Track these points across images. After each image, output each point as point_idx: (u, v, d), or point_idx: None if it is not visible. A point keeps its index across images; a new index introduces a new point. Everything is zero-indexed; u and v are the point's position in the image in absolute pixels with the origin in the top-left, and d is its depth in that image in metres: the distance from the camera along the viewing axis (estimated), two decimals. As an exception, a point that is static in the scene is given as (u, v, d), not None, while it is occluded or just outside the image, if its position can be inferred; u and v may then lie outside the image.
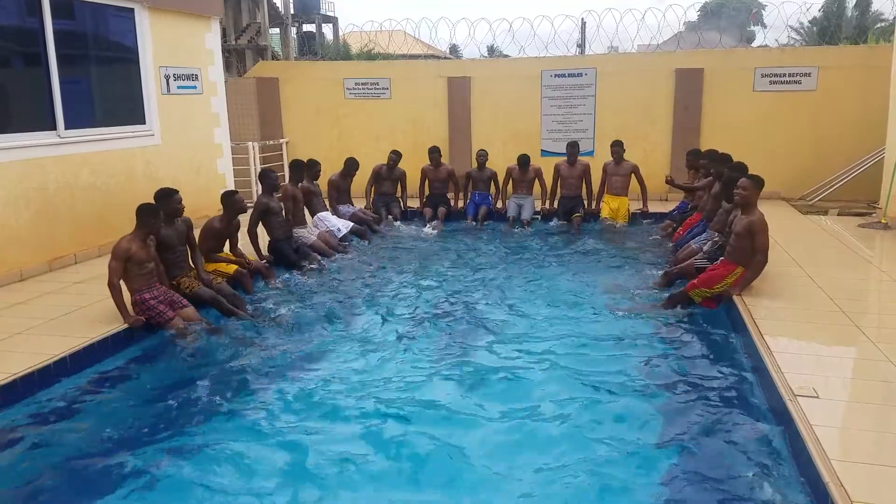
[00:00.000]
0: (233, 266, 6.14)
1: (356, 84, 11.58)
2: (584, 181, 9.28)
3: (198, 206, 7.65)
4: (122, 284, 5.00)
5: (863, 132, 9.69)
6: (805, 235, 7.88)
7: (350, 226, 8.35)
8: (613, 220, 9.00)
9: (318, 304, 5.97)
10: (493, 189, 9.72)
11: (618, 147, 9.03)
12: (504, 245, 8.30)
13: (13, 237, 6.27)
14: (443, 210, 9.57)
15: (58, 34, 6.67)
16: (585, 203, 9.31)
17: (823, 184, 9.96)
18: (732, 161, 6.97)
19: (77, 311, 5.32)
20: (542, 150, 11.00)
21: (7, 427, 3.82)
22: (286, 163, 10.96)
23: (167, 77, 8.17)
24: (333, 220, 8.34)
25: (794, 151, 10.24)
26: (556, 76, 10.89)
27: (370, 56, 20.54)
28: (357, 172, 9.17)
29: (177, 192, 5.52)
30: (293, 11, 32.69)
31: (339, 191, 9.05)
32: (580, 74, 10.82)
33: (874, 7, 29.79)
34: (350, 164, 9.12)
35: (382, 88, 11.53)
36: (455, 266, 7.32)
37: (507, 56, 15.38)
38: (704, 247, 6.46)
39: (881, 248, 7.23)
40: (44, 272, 6.53)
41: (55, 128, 6.69)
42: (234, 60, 27.61)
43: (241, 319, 5.45)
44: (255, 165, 10.34)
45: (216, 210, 6.81)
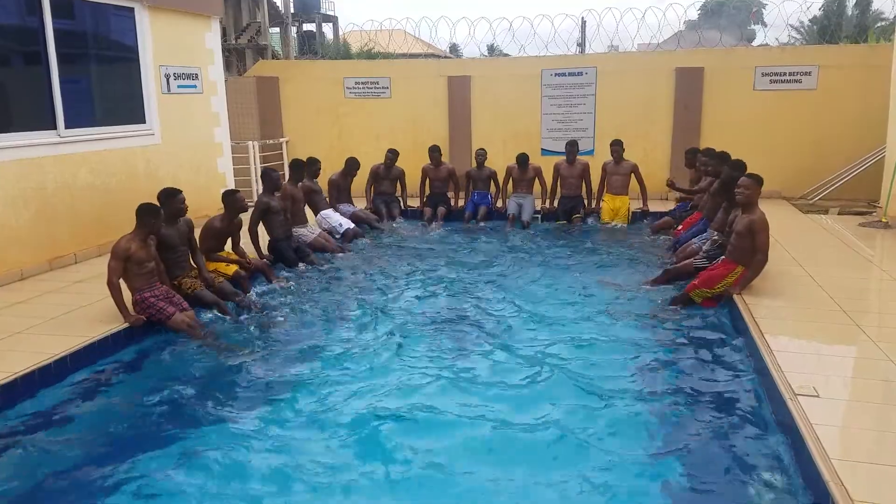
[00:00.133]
0: (233, 266, 6.14)
1: (356, 83, 11.58)
2: (584, 180, 9.28)
3: (198, 206, 7.63)
4: (123, 284, 5.00)
5: (863, 131, 9.69)
6: (805, 234, 7.88)
7: (351, 226, 8.34)
8: (613, 223, 9.01)
9: (316, 305, 5.96)
10: (493, 188, 9.72)
11: (617, 146, 9.03)
12: (504, 245, 8.28)
13: (13, 237, 6.27)
14: (443, 209, 9.56)
15: (58, 33, 6.67)
16: (585, 202, 9.32)
17: (824, 183, 9.95)
18: (730, 159, 6.96)
19: (77, 311, 5.33)
20: (543, 150, 11.00)
21: (7, 426, 3.82)
22: (286, 162, 10.96)
23: (167, 76, 8.17)
24: (336, 217, 8.33)
25: (795, 150, 10.23)
26: (557, 75, 10.89)
27: (370, 55, 20.55)
28: (358, 172, 9.17)
29: (180, 193, 5.53)
30: (293, 11, 32.74)
31: (340, 190, 9.05)
32: (580, 73, 10.81)
33: (874, 6, 29.84)
34: (351, 164, 9.10)
35: (382, 87, 11.52)
36: (454, 266, 7.30)
37: (508, 55, 15.37)
38: (704, 246, 6.46)
39: (882, 247, 7.23)
40: (44, 271, 6.54)
41: (55, 127, 6.70)
42: (235, 60, 27.66)
43: (237, 322, 5.46)
44: (256, 165, 10.33)
45: (216, 209, 6.81)
